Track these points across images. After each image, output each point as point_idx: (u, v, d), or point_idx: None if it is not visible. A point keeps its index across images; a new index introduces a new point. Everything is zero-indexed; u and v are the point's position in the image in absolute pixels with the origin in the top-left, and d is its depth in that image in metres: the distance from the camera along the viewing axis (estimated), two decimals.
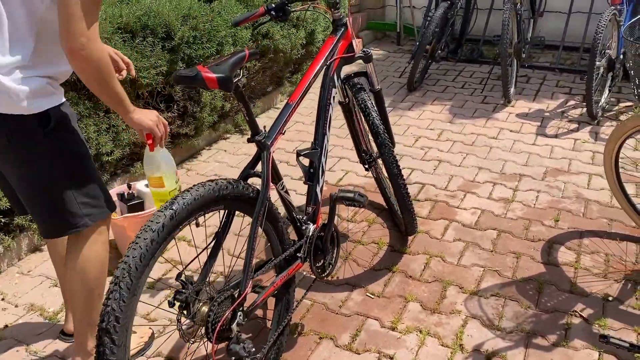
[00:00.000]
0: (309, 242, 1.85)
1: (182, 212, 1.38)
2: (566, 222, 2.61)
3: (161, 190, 1.79)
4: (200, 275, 1.57)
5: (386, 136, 2.13)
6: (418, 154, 3.38)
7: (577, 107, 3.93)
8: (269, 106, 4.19)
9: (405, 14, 5.70)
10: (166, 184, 1.78)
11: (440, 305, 2.13)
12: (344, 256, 2.45)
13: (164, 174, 1.76)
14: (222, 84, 1.44)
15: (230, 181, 1.55)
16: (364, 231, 2.63)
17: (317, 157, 1.91)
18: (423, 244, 2.50)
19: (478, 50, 5.04)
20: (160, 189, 1.78)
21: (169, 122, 3.13)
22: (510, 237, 2.52)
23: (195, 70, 1.42)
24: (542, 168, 3.13)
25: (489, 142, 3.49)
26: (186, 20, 3.01)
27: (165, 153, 1.76)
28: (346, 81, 2.23)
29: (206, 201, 1.46)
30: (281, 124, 1.76)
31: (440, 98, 4.25)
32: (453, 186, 2.99)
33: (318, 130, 1.95)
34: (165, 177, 1.77)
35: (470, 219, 2.68)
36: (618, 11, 3.57)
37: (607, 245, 2.44)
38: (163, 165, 1.76)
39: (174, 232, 1.39)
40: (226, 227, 1.60)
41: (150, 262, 1.33)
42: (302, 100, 1.86)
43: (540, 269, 2.31)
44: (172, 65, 2.95)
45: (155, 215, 1.36)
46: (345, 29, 2.04)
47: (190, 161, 3.40)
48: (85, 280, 1.70)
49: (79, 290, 1.72)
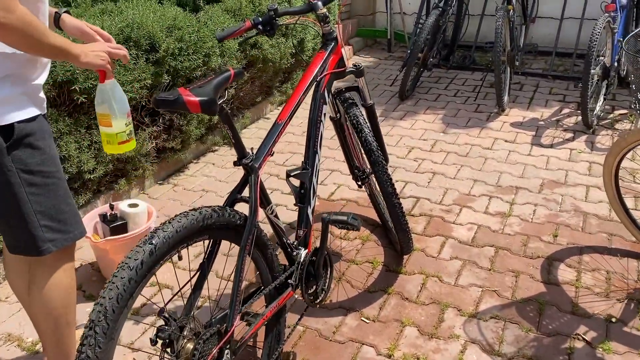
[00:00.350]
0: (301, 268, 1.75)
1: (162, 246, 1.29)
2: (565, 238, 2.54)
3: (108, 130, 1.64)
4: (184, 309, 1.47)
5: (379, 154, 2.05)
6: (411, 165, 3.30)
7: (571, 116, 3.87)
8: (258, 116, 4.09)
9: (396, 20, 5.63)
10: (114, 123, 1.63)
11: (438, 330, 2.04)
12: (337, 277, 2.35)
13: (113, 112, 1.63)
14: (206, 107, 1.35)
15: (215, 209, 1.45)
16: (358, 249, 2.54)
17: (307, 177, 1.82)
18: (419, 263, 2.41)
19: (470, 57, 4.98)
20: (107, 128, 1.64)
21: (155, 136, 3.03)
22: (508, 255, 2.44)
23: (176, 93, 1.33)
24: (539, 180, 3.06)
25: (483, 152, 3.41)
26: (171, 32, 2.91)
27: (117, 89, 1.64)
28: (337, 96, 2.14)
29: (189, 233, 1.36)
30: (270, 145, 1.66)
31: (432, 107, 4.17)
32: (448, 200, 2.91)
33: (309, 149, 1.86)
34: (113, 115, 1.63)
35: (466, 235, 2.59)
36: (612, 18, 3.51)
37: (607, 261, 2.37)
38: (113, 101, 1.63)
39: (154, 269, 1.29)
40: (211, 257, 1.50)
41: (129, 303, 1.23)
42: (292, 118, 1.77)
43: (541, 288, 2.23)
44: (157, 78, 2.85)
45: (134, 251, 1.26)
46: (335, 44, 1.95)
47: (177, 176, 3.30)
48: (49, 310, 1.61)
49: (44, 320, 1.62)
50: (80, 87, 2.41)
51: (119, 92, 1.64)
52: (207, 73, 3.19)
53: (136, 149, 2.84)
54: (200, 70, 3.11)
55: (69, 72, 2.39)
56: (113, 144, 1.65)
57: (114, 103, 1.63)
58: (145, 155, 2.99)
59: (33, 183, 1.47)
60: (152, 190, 3.13)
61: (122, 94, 1.65)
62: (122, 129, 1.65)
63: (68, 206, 1.56)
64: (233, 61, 3.35)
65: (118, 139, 1.65)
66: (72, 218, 1.57)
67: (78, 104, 2.51)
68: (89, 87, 2.44)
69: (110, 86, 1.62)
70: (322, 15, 1.89)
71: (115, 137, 1.65)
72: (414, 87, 4.45)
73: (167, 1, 3.14)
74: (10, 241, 1.54)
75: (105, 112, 1.62)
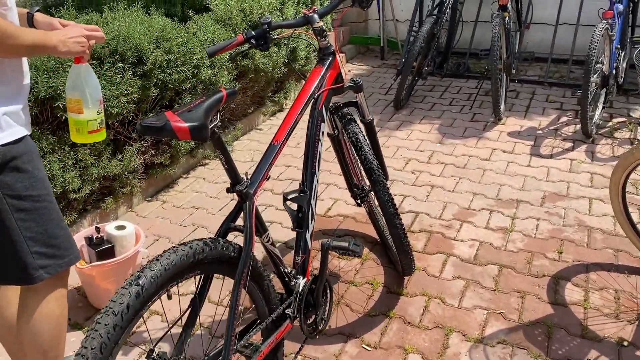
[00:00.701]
0: (299, 298, 1.65)
1: (150, 287, 1.18)
2: (570, 254, 2.45)
3: (79, 117, 1.53)
4: (174, 349, 1.36)
5: (380, 172, 1.95)
6: (409, 178, 3.20)
7: (569, 124, 3.80)
8: (250, 128, 3.98)
9: (389, 27, 5.56)
10: (85, 110, 1.53)
11: (443, 357, 1.94)
12: (336, 300, 2.25)
13: (84, 98, 1.52)
14: (196, 134, 1.24)
15: (207, 242, 1.34)
16: (357, 269, 2.44)
17: (306, 201, 1.71)
18: (420, 284, 2.32)
19: (464, 65, 4.91)
20: (77, 114, 1.53)
21: (142, 151, 2.91)
22: (512, 273, 2.35)
23: (163, 118, 1.22)
24: (540, 192, 2.98)
25: (481, 164, 3.33)
26: (159, 43, 2.80)
27: (91, 74, 1.54)
28: (335, 111, 2.04)
29: (179, 270, 1.25)
30: (265, 169, 1.56)
31: (428, 116, 4.09)
32: (448, 214, 2.82)
33: (307, 170, 1.75)
34: (84, 101, 1.52)
35: (468, 253, 2.50)
36: (610, 25, 3.45)
37: (615, 279, 2.29)
38: (86, 87, 1.53)
39: (141, 311, 1.18)
40: (203, 293, 1.40)
41: (114, 351, 1.12)
42: (289, 139, 1.67)
43: (548, 309, 2.14)
44: (145, 92, 2.74)
45: (119, 293, 1.15)
46: (333, 58, 1.85)
47: (166, 192, 3.18)
48: (38, 342, 1.51)
49: (31, 352, 1.52)
50: (63, 103, 2.29)
51: (92, 78, 1.54)
52: (197, 85, 3.08)
53: (124, 165, 2.72)
54: (189, 82, 3.00)
55: (52, 89, 2.28)
56: (82, 133, 1.55)
57: (87, 88, 1.53)
58: (133, 172, 2.87)
59: (22, 209, 1.39)
60: (141, 207, 3.01)
61: (95, 80, 1.56)
62: (93, 116, 1.55)
63: (61, 230, 1.49)
64: (224, 72, 3.25)
65: (88, 127, 1.55)
66: (65, 242, 1.50)
67: (62, 121, 2.40)
68: None
69: (84, 70, 1.52)
70: (319, 28, 1.79)
71: (86, 125, 1.54)
72: (408, 96, 4.37)
73: (154, 11, 3.02)
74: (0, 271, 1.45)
75: (76, 98, 1.52)
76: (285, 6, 3.89)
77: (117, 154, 2.75)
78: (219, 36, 3.21)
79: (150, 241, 2.70)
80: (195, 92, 3.08)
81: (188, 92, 3.03)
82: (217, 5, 3.43)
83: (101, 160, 2.62)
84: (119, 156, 2.73)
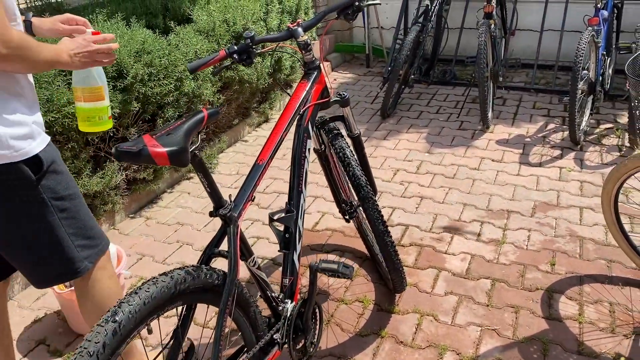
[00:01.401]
0: (288, 324, 1.58)
1: (128, 323, 1.10)
2: (563, 266, 2.41)
3: (100, 105, 1.50)
4: None
5: (369, 189, 1.89)
6: (398, 190, 3.15)
7: (557, 131, 3.78)
8: (235, 139, 3.91)
9: (374, 34, 5.53)
10: (105, 97, 1.52)
11: None
12: (326, 320, 2.18)
13: (105, 85, 1.51)
14: (175, 159, 1.17)
15: (189, 270, 1.27)
16: (347, 286, 2.37)
17: (293, 221, 1.65)
18: (412, 300, 2.26)
19: (450, 72, 4.89)
20: (98, 102, 1.50)
21: (124, 167, 2.83)
22: (505, 287, 2.31)
23: (140, 143, 1.15)
24: (530, 202, 2.94)
25: (471, 173, 3.29)
26: (140, 56, 2.72)
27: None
28: (321, 126, 1.99)
29: (159, 302, 1.18)
30: (250, 190, 1.50)
31: (415, 125, 4.05)
32: (438, 227, 2.77)
33: (293, 189, 1.69)
34: (105, 88, 1.51)
35: (460, 267, 2.45)
36: (596, 32, 3.44)
37: (609, 292, 2.25)
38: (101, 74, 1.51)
39: (119, 349, 1.10)
40: (186, 323, 1.33)
41: None
42: (273, 158, 1.61)
43: (543, 325, 2.10)
44: (126, 106, 2.66)
45: (94, 332, 1.07)
46: (318, 72, 1.80)
47: (150, 208, 3.09)
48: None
49: None
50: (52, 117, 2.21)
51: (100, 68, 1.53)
52: (180, 98, 3.01)
53: (105, 182, 2.64)
54: (172, 95, 2.92)
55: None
56: (101, 120, 1.51)
57: (102, 76, 1.52)
58: (115, 188, 2.79)
59: (64, 208, 1.45)
60: (123, 225, 2.92)
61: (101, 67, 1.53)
62: (109, 102, 1.55)
63: (92, 220, 1.57)
64: (207, 84, 3.18)
65: (108, 112, 1.54)
66: (98, 230, 1.58)
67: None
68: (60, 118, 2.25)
69: None
70: (303, 43, 1.73)
71: (107, 111, 1.54)
72: (395, 104, 4.33)
73: (135, 23, 2.95)
74: (39, 276, 1.50)
75: (98, 85, 1.50)
76: (269, 16, 3.84)
77: (98, 171, 2.66)
78: (202, 48, 3.15)
79: (134, 260, 2.61)
80: (178, 105, 3.01)
81: (171, 105, 2.96)
82: (199, 16, 3.36)
83: (81, 177, 2.54)
84: (100, 173, 2.65)
